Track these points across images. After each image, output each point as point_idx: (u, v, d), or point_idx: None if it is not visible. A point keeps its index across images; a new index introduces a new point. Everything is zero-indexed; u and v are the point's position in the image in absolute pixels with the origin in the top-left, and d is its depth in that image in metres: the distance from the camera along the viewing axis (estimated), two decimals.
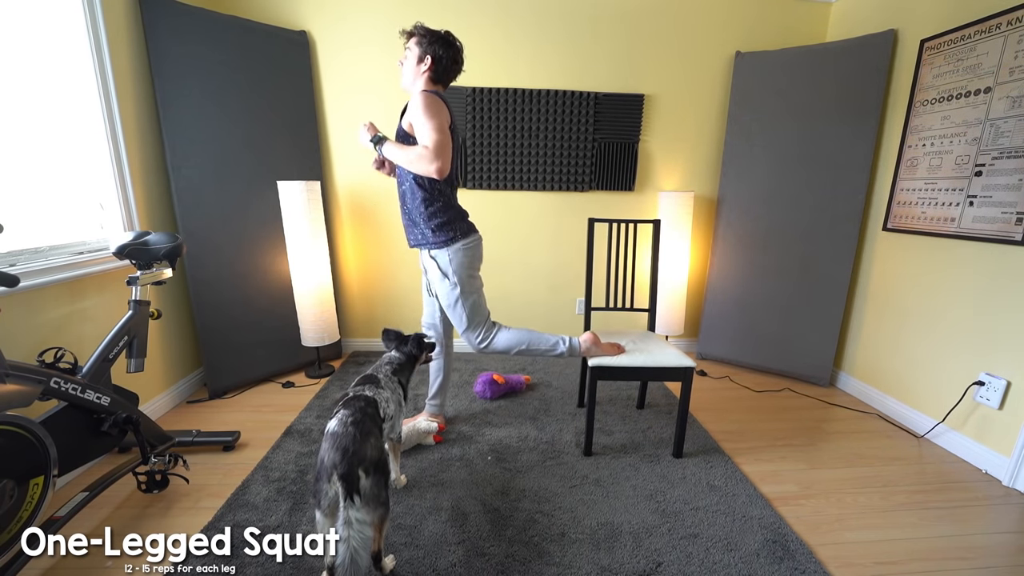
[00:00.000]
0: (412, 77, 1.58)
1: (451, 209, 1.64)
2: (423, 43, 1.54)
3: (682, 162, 2.77)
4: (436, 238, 1.62)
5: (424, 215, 1.61)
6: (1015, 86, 1.71)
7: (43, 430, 1.16)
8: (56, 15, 1.69)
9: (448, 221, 1.62)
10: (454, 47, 1.57)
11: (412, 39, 1.57)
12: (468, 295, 1.68)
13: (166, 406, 2.14)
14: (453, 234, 1.63)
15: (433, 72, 1.56)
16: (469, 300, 1.68)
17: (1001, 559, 1.38)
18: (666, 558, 1.31)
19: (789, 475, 1.73)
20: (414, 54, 1.56)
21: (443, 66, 1.56)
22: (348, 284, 2.84)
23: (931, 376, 2.03)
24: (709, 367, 2.78)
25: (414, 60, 1.56)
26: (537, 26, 2.55)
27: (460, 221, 1.66)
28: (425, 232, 1.63)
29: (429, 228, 1.62)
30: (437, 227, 1.62)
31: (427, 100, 1.47)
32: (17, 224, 1.54)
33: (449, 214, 1.63)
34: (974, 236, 1.85)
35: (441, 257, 1.64)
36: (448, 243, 1.63)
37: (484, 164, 2.66)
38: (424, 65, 1.55)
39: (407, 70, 1.59)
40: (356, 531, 1.01)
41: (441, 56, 1.54)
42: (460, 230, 1.65)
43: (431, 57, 1.54)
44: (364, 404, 1.21)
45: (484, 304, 1.74)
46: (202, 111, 2.14)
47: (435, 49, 1.53)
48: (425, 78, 1.57)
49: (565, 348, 1.75)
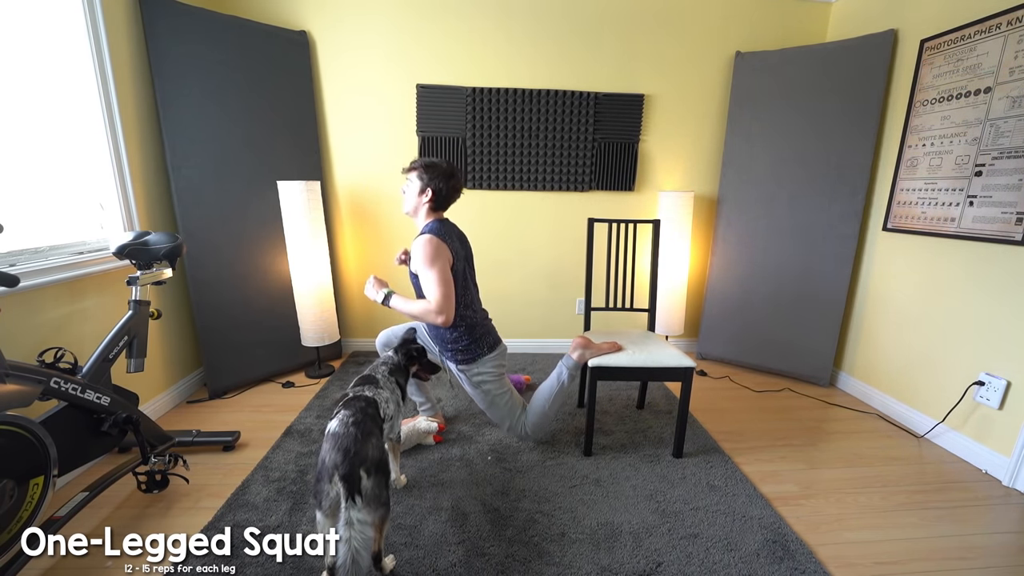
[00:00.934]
0: (414, 207, 1.66)
1: (473, 329, 1.69)
2: (424, 177, 1.61)
3: (682, 162, 2.77)
4: (464, 356, 1.70)
5: (448, 339, 1.69)
6: (1015, 86, 1.71)
7: (43, 430, 1.16)
8: (56, 15, 1.68)
9: (472, 343, 1.69)
10: (454, 177, 1.64)
11: (413, 172, 1.64)
12: (500, 396, 1.75)
13: (166, 406, 2.14)
14: (478, 352, 1.70)
15: (434, 203, 1.63)
16: (503, 400, 1.76)
17: (1001, 559, 1.38)
18: (666, 558, 1.32)
19: (789, 475, 1.73)
20: (415, 186, 1.63)
21: (443, 196, 1.64)
22: (348, 284, 2.84)
23: (931, 376, 2.03)
24: (709, 367, 2.78)
25: (415, 191, 1.63)
26: (537, 26, 2.55)
27: (484, 338, 1.72)
28: (451, 352, 1.71)
29: (456, 349, 1.70)
30: (463, 349, 1.70)
31: (426, 249, 1.52)
32: (17, 224, 1.54)
33: (471, 335, 1.69)
34: (974, 236, 1.85)
35: (468, 372, 1.72)
36: (476, 359, 1.70)
37: (484, 164, 2.66)
38: (425, 197, 1.62)
39: (409, 199, 1.66)
40: (357, 531, 1.01)
41: (441, 188, 1.62)
42: (486, 345, 1.71)
43: (432, 190, 1.61)
44: (364, 404, 1.21)
45: (515, 396, 1.80)
46: (202, 111, 2.14)
47: (436, 183, 1.61)
48: (426, 208, 1.64)
49: (567, 373, 1.78)
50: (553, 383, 1.78)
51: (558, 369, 1.80)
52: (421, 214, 1.66)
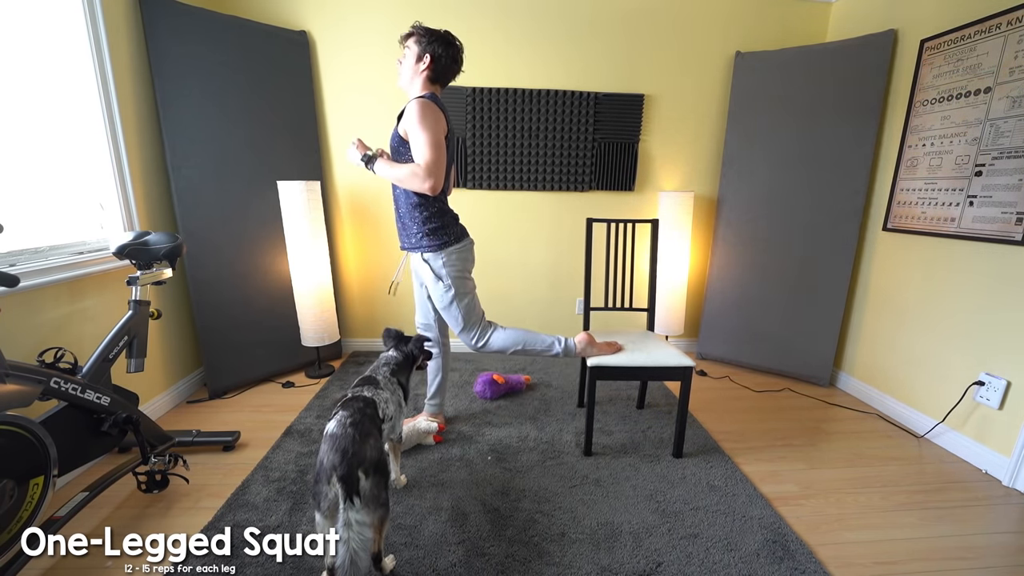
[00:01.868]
0: (410, 76, 1.56)
1: (444, 214, 1.64)
2: (422, 42, 1.52)
3: (682, 162, 2.77)
4: (430, 242, 1.63)
5: (418, 220, 1.61)
6: (1015, 86, 1.71)
7: (43, 430, 1.16)
8: (56, 15, 1.69)
9: (441, 226, 1.63)
10: (454, 46, 1.56)
11: (411, 38, 1.55)
12: (462, 296, 1.68)
13: (166, 406, 2.14)
14: (446, 239, 1.63)
15: (432, 71, 1.54)
16: (464, 301, 1.69)
17: (1001, 559, 1.38)
18: (666, 558, 1.31)
19: (789, 475, 1.73)
20: (413, 52, 1.54)
21: (442, 65, 1.54)
22: (348, 284, 2.84)
23: (931, 376, 2.03)
24: (709, 367, 2.78)
25: (412, 59, 1.54)
26: (537, 26, 2.55)
27: (453, 226, 1.67)
28: (419, 236, 1.64)
29: (423, 232, 1.62)
30: (430, 232, 1.62)
31: (422, 110, 1.45)
32: (17, 224, 1.54)
33: (442, 219, 1.63)
34: (974, 236, 1.85)
35: (434, 261, 1.65)
36: (441, 247, 1.63)
37: (484, 164, 2.66)
38: (423, 64, 1.53)
39: (405, 69, 1.57)
40: (356, 532, 1.01)
41: (440, 55, 1.52)
42: (453, 235, 1.65)
43: (430, 56, 1.52)
44: (363, 405, 1.21)
45: (478, 304, 1.75)
46: (202, 111, 2.14)
47: (434, 48, 1.51)
48: (423, 77, 1.55)
49: (561, 348, 1.75)
50: (545, 343, 1.75)
51: (559, 338, 1.77)
52: (416, 85, 1.55)
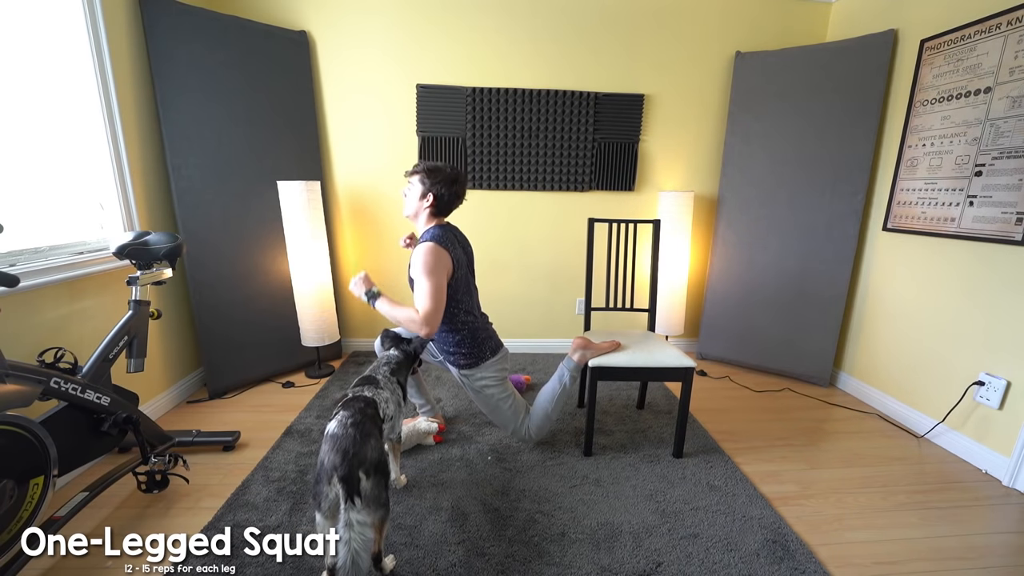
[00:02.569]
0: (415, 210, 1.64)
1: (476, 334, 1.68)
2: (425, 181, 1.59)
3: (682, 162, 2.77)
4: (466, 362, 1.69)
5: (450, 343, 1.68)
6: (1015, 86, 1.71)
7: (43, 430, 1.16)
8: (56, 15, 1.68)
9: (475, 347, 1.68)
10: (457, 183, 1.61)
11: (415, 176, 1.61)
12: (503, 400, 1.74)
13: (166, 406, 2.14)
14: (483, 355, 1.69)
15: (435, 208, 1.61)
16: (506, 404, 1.74)
17: (1001, 559, 1.38)
18: (666, 558, 1.32)
19: (789, 475, 1.73)
20: (416, 190, 1.61)
21: (444, 202, 1.61)
22: (348, 284, 2.83)
23: (931, 376, 2.03)
24: (709, 367, 2.78)
25: (416, 195, 1.61)
26: (537, 26, 2.55)
27: (487, 342, 1.71)
28: (454, 356, 1.70)
29: (459, 354, 1.69)
30: (465, 354, 1.68)
31: (427, 257, 1.50)
32: (17, 224, 1.54)
33: (475, 340, 1.68)
34: (974, 236, 1.85)
35: (470, 378, 1.71)
36: (478, 364, 1.69)
37: (484, 164, 2.66)
38: (426, 201, 1.60)
39: (410, 202, 1.64)
40: (357, 533, 1.01)
41: (443, 194, 1.59)
42: (489, 349, 1.70)
43: (432, 195, 1.59)
44: (363, 405, 1.21)
45: (518, 399, 1.80)
46: (202, 111, 2.14)
47: (437, 188, 1.58)
48: (427, 213, 1.62)
49: (568, 375, 1.78)
50: (555, 385, 1.78)
51: (559, 371, 1.80)
52: (422, 218, 1.64)
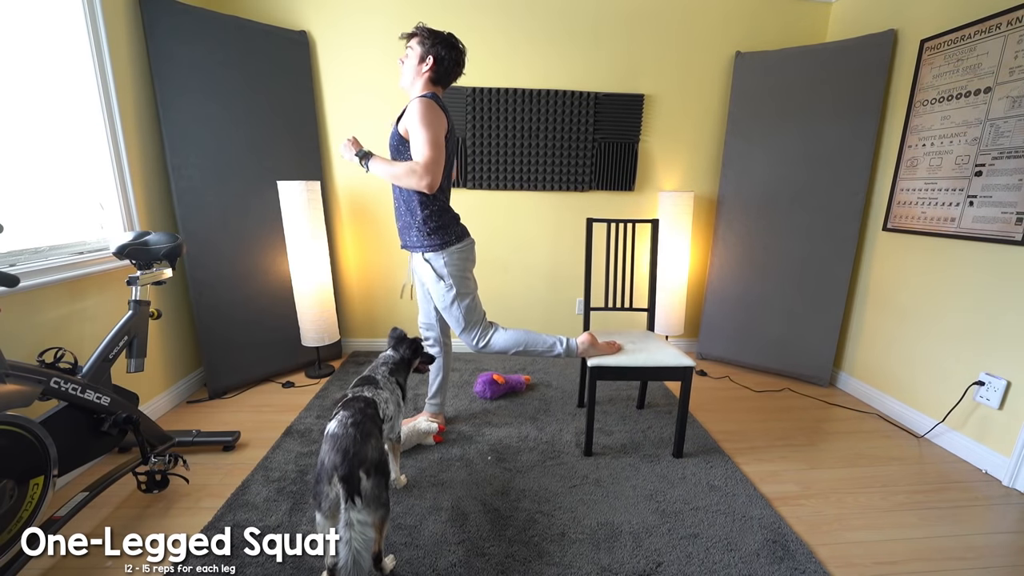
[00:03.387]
0: (412, 77, 1.57)
1: (445, 213, 1.64)
2: (425, 43, 1.52)
3: (682, 162, 2.77)
4: (431, 241, 1.62)
5: (418, 219, 1.61)
6: (1015, 86, 1.71)
7: (43, 430, 1.16)
8: (56, 15, 1.68)
9: (442, 225, 1.62)
10: (456, 48, 1.56)
11: (414, 39, 1.55)
12: (463, 296, 1.68)
13: (166, 406, 2.14)
14: (447, 238, 1.63)
15: (434, 73, 1.54)
16: (464, 301, 1.68)
17: (1001, 559, 1.38)
18: (666, 558, 1.32)
19: (789, 475, 1.73)
20: (415, 54, 1.54)
21: (444, 67, 1.54)
22: (348, 284, 2.84)
23: (931, 376, 2.03)
24: (709, 367, 2.78)
25: (415, 60, 1.54)
26: (537, 26, 2.54)
27: (454, 225, 1.66)
28: (420, 236, 1.63)
29: (424, 232, 1.62)
30: (432, 231, 1.61)
31: (425, 108, 1.45)
32: (17, 224, 1.54)
33: (443, 219, 1.63)
34: (974, 236, 1.85)
35: (436, 260, 1.64)
36: (442, 247, 1.63)
37: (484, 164, 2.66)
38: (425, 65, 1.53)
39: (407, 69, 1.57)
40: (358, 533, 1.01)
41: (443, 57, 1.53)
42: (454, 234, 1.65)
43: (433, 58, 1.52)
44: (364, 405, 1.21)
45: (479, 305, 1.74)
46: (202, 111, 2.14)
47: (437, 50, 1.52)
48: (425, 79, 1.55)
49: (562, 349, 1.75)
50: (546, 343, 1.74)
51: (560, 338, 1.76)
52: (418, 86, 1.56)
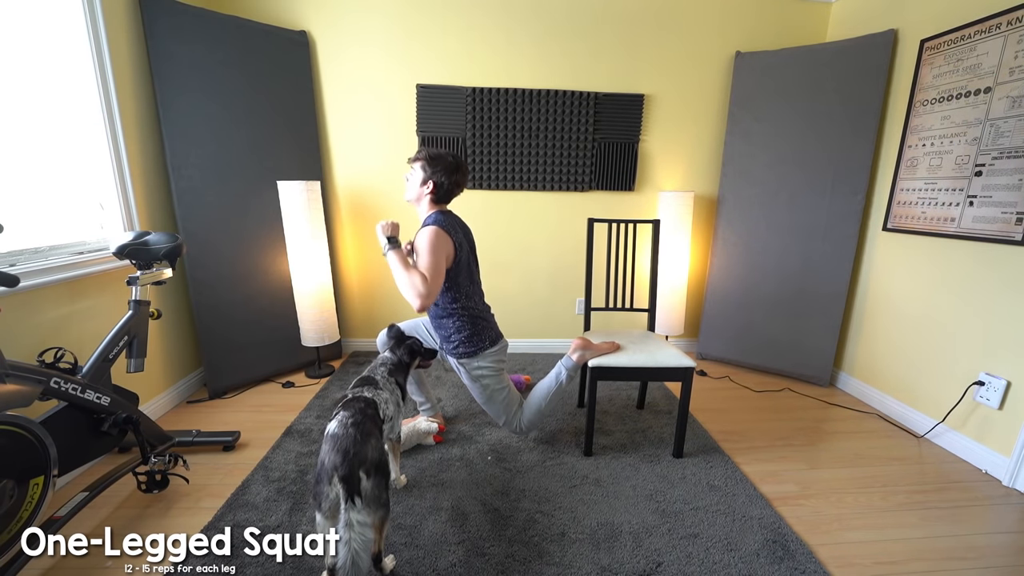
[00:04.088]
0: (416, 196, 1.66)
1: (476, 321, 1.69)
2: (427, 169, 1.61)
3: (682, 162, 2.77)
4: (464, 350, 1.69)
5: (449, 328, 1.69)
6: (1015, 86, 1.71)
7: (43, 430, 1.16)
8: (56, 15, 1.68)
9: (473, 335, 1.69)
10: (458, 173, 1.63)
11: (417, 163, 1.64)
12: (499, 391, 1.75)
13: (166, 406, 2.14)
14: (482, 344, 1.70)
15: (435, 195, 1.64)
16: (501, 396, 1.76)
17: (1001, 559, 1.38)
18: (666, 558, 1.32)
19: (789, 475, 1.73)
20: (418, 177, 1.63)
21: (444, 190, 1.64)
22: (348, 284, 2.84)
23: (931, 376, 2.03)
24: (709, 367, 2.78)
25: (417, 181, 1.64)
26: (537, 26, 2.54)
27: (486, 331, 1.72)
28: (452, 344, 1.70)
29: (457, 341, 1.69)
30: (463, 341, 1.69)
31: (432, 237, 1.52)
32: (17, 224, 1.54)
33: (474, 327, 1.69)
34: (974, 236, 1.85)
35: (469, 365, 1.71)
36: (477, 353, 1.69)
37: (484, 164, 2.66)
38: (427, 188, 1.63)
39: (411, 188, 1.66)
40: (357, 533, 1.01)
41: (443, 182, 1.61)
42: (489, 339, 1.71)
43: (433, 183, 1.61)
44: (364, 405, 1.21)
45: (513, 393, 1.81)
46: (202, 111, 2.14)
47: (437, 176, 1.61)
48: (428, 199, 1.65)
49: (565, 373, 1.79)
50: (551, 382, 1.79)
51: (557, 368, 1.80)
52: (423, 204, 1.66)
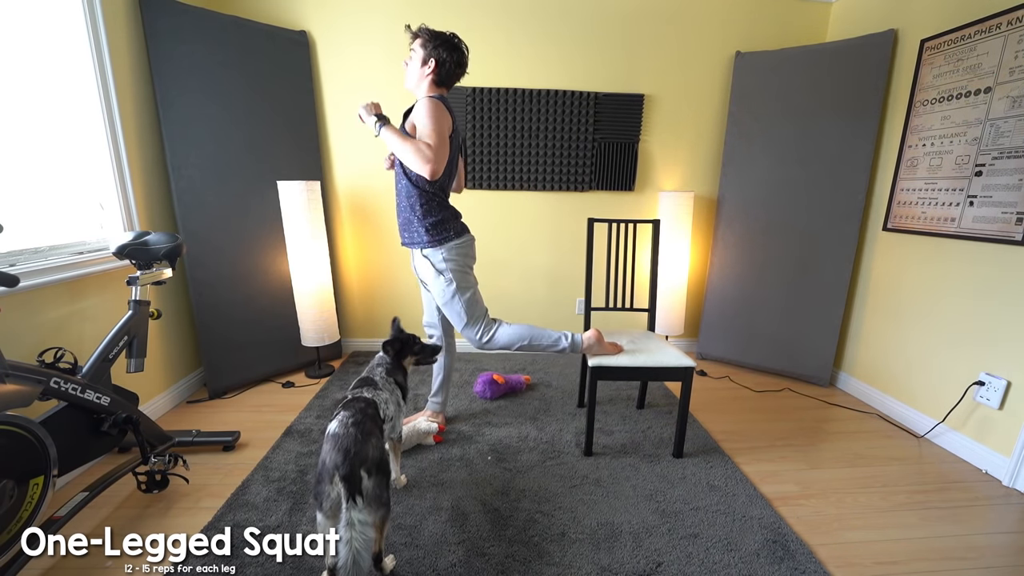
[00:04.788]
0: (416, 79, 1.59)
1: (445, 209, 1.66)
2: (427, 46, 1.54)
3: (682, 162, 2.77)
4: (430, 237, 1.64)
5: (419, 213, 1.62)
6: (1015, 86, 1.71)
7: (43, 430, 1.16)
8: (56, 15, 1.68)
9: (442, 220, 1.64)
10: (459, 50, 1.57)
11: (417, 40, 1.56)
12: (464, 291, 1.68)
13: (166, 406, 2.14)
14: (446, 234, 1.65)
15: (436, 75, 1.56)
16: (465, 296, 1.69)
17: (1001, 559, 1.38)
18: (666, 558, 1.32)
19: (789, 475, 1.73)
20: (418, 56, 1.56)
21: (446, 69, 1.56)
22: (348, 284, 2.84)
23: (931, 376, 2.03)
24: (709, 367, 2.78)
25: (418, 62, 1.56)
26: (538, 26, 2.54)
27: (453, 221, 1.68)
28: (420, 231, 1.64)
29: (423, 227, 1.63)
30: (431, 226, 1.63)
31: (432, 106, 1.48)
32: (17, 224, 1.54)
33: (443, 214, 1.65)
34: (974, 236, 1.85)
35: (435, 255, 1.66)
36: (442, 242, 1.64)
37: (484, 164, 2.66)
38: (428, 68, 1.55)
39: (411, 71, 1.59)
40: (358, 532, 1.01)
41: (445, 59, 1.54)
42: (454, 229, 1.67)
43: (435, 60, 1.54)
44: (364, 405, 1.21)
45: (481, 300, 1.75)
46: (202, 111, 2.14)
47: (439, 52, 1.53)
48: (429, 81, 1.57)
49: (567, 344, 1.74)
50: (551, 335, 1.73)
51: (567, 333, 1.75)
52: (423, 88, 1.58)
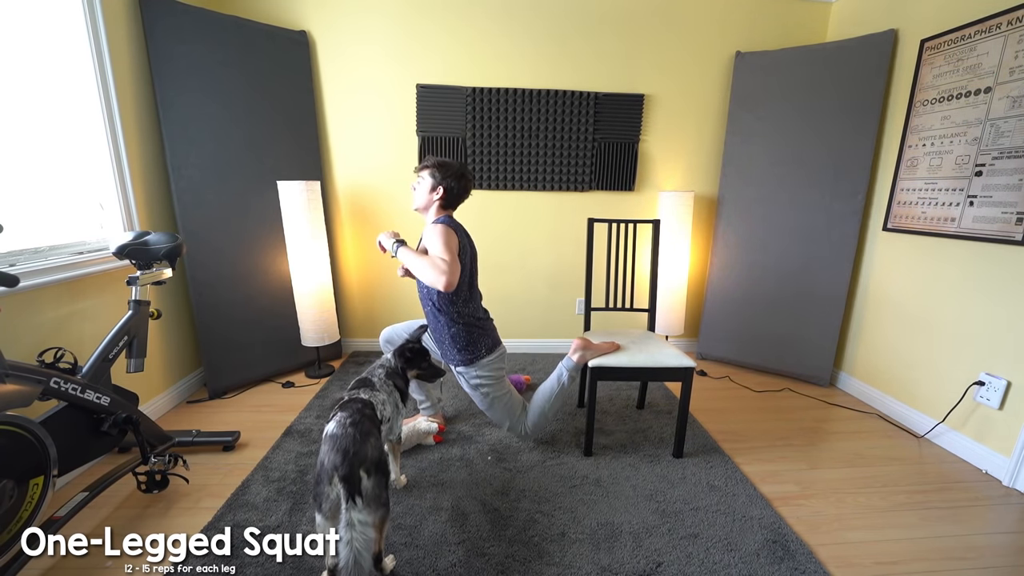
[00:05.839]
0: (425, 203, 1.69)
1: (473, 328, 1.70)
2: (436, 175, 1.65)
3: (682, 162, 2.77)
4: (462, 357, 1.70)
5: (447, 336, 1.70)
6: (1015, 86, 1.71)
7: (43, 430, 1.16)
8: (56, 15, 1.68)
9: (472, 341, 1.70)
10: (465, 179, 1.67)
11: (425, 171, 1.67)
12: (500, 398, 1.76)
13: (166, 406, 2.14)
14: (478, 352, 1.71)
15: (444, 200, 1.67)
16: (502, 402, 1.77)
17: (1001, 559, 1.38)
18: (666, 558, 1.32)
19: (789, 475, 1.73)
20: (427, 183, 1.66)
21: (454, 195, 1.67)
22: (348, 284, 2.84)
23: (931, 376, 2.03)
24: (709, 367, 2.78)
25: (427, 188, 1.67)
26: (538, 26, 2.55)
27: (484, 338, 1.73)
28: (452, 351, 1.72)
29: (455, 348, 1.70)
30: (461, 349, 1.70)
31: (441, 231, 1.56)
32: (17, 224, 1.54)
33: (471, 334, 1.70)
34: (974, 236, 1.85)
35: (468, 373, 1.72)
36: (474, 360, 1.71)
37: (484, 164, 2.66)
38: (437, 194, 1.66)
39: (419, 196, 1.69)
40: (359, 532, 1.01)
41: (452, 187, 1.65)
42: (485, 346, 1.72)
43: (443, 188, 1.65)
44: (361, 406, 1.21)
45: (515, 395, 1.82)
46: (202, 111, 2.14)
47: (448, 182, 1.64)
48: (437, 205, 1.67)
49: (567, 375, 1.79)
50: (553, 384, 1.79)
51: (558, 370, 1.80)
52: (431, 211, 1.69)
